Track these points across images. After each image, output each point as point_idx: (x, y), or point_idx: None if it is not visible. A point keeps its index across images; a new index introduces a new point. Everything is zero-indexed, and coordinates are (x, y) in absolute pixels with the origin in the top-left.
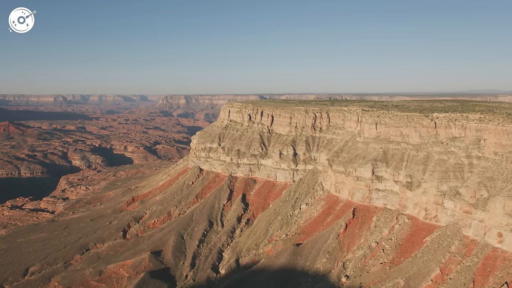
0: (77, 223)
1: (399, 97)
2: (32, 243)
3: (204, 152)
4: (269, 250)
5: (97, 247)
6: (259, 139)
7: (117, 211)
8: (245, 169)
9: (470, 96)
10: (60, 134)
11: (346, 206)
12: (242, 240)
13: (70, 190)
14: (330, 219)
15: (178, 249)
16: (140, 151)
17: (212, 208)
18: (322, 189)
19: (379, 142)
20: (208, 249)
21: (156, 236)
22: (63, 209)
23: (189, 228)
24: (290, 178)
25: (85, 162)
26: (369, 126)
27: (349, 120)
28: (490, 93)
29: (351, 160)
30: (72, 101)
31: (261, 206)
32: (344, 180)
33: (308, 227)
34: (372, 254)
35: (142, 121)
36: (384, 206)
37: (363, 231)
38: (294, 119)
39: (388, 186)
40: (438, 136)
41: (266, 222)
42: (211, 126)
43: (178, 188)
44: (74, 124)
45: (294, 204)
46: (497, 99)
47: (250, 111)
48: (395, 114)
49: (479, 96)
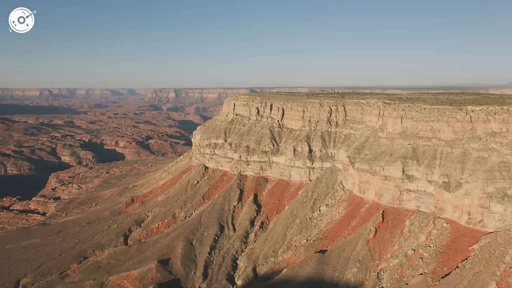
0: (72, 226)
1: (391, 90)
2: (23, 250)
3: (209, 149)
4: (289, 257)
5: (96, 254)
6: (269, 134)
7: (115, 213)
8: (255, 167)
9: (462, 89)
10: (48, 129)
11: (372, 208)
12: (257, 246)
13: (61, 188)
14: (355, 223)
15: (188, 257)
16: (132, 146)
17: (222, 210)
18: (343, 189)
19: (407, 138)
20: (220, 256)
21: (162, 242)
22: (55, 210)
23: (198, 232)
24: (306, 177)
25: (75, 158)
26: (393, 120)
27: (369, 113)
28: (479, 87)
29: (376, 157)
30: (58, 94)
31: (275, 208)
32: (369, 180)
33: (331, 231)
34: (409, 263)
35: (132, 115)
36: (417, 208)
37: (395, 237)
38: (307, 113)
39: (421, 187)
40: (474, 131)
41: (283, 226)
42: (214, 120)
43: (182, 188)
44: (62, 118)
45: (313, 206)
46: (488, 92)
47: (258, 104)
48: (423, 107)
49: (471, 89)
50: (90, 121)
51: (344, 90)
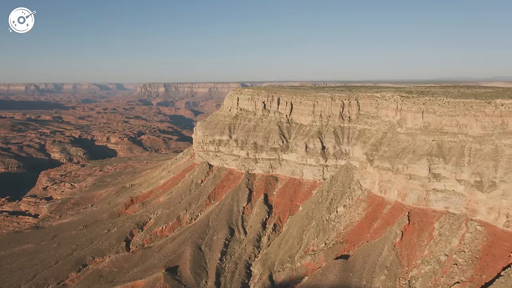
0: (68, 230)
1: (383, 84)
2: (16, 257)
3: (212, 146)
4: (307, 263)
5: (96, 261)
6: (278, 130)
7: (114, 215)
8: (264, 165)
9: (452, 83)
10: (36, 125)
11: (395, 209)
12: (272, 251)
13: (52, 187)
14: (377, 225)
15: (197, 263)
16: (124, 142)
17: (231, 211)
18: (361, 189)
19: (430, 134)
20: (232, 262)
21: (168, 247)
22: (48, 211)
23: (207, 236)
24: (319, 176)
25: (65, 155)
26: (413, 115)
27: (385, 108)
28: (468, 80)
29: (397, 154)
30: (45, 89)
31: (288, 209)
32: (391, 179)
33: (351, 234)
34: (443, 270)
35: (122, 110)
36: (446, 209)
37: (423, 240)
38: (317, 107)
39: (449, 186)
40: (505, 126)
41: (299, 229)
42: (215, 115)
43: (185, 187)
44: (50, 113)
45: (330, 207)
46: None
47: (264, 98)
48: (446, 101)
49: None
50: (79, 117)
51: (336, 84)
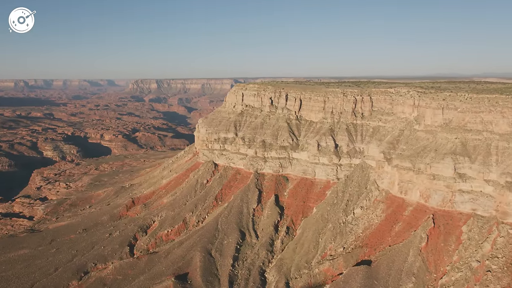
0: (66, 233)
1: (377, 80)
2: (11, 264)
3: (218, 144)
4: (326, 269)
5: (99, 268)
6: (287, 128)
7: (115, 218)
8: (274, 164)
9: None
10: (27, 122)
11: (417, 211)
12: (287, 256)
13: (46, 187)
14: (399, 228)
15: (209, 270)
16: (118, 139)
17: (240, 214)
18: (378, 189)
19: (452, 131)
20: (246, 269)
21: (176, 252)
22: (44, 213)
23: (216, 241)
24: (332, 175)
25: (58, 153)
26: (433, 111)
27: (400, 104)
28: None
29: (417, 153)
30: (34, 86)
31: (301, 210)
32: (412, 179)
33: (370, 237)
34: (475, 277)
35: (114, 106)
36: (473, 212)
37: (451, 245)
38: (328, 104)
39: (476, 187)
40: None
41: (314, 232)
42: (218, 112)
43: (190, 188)
44: (41, 110)
45: (346, 208)
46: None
47: (271, 94)
48: (468, 96)
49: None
50: (71, 113)
51: (330, 80)
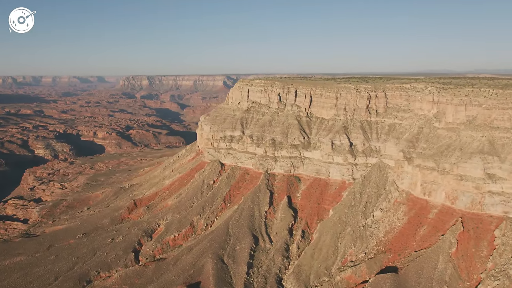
0: (65, 238)
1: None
2: (7, 272)
3: (224, 142)
4: (348, 276)
5: (102, 277)
6: (297, 125)
7: (117, 221)
8: (285, 164)
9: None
10: (17, 119)
11: (443, 213)
12: (305, 262)
13: (40, 188)
14: (424, 232)
15: (222, 279)
16: (112, 137)
17: (252, 217)
18: (398, 190)
19: (477, 129)
20: (261, 276)
21: (185, 259)
22: (39, 216)
23: (228, 246)
24: (348, 175)
25: (50, 151)
26: (455, 108)
27: (418, 100)
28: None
29: (441, 152)
30: (23, 82)
31: (315, 213)
32: (437, 179)
33: (393, 242)
34: None
35: (106, 103)
36: (505, 215)
37: (483, 250)
38: (341, 100)
39: (507, 188)
40: None
41: (332, 236)
42: (221, 109)
43: (196, 189)
44: (30, 107)
45: (365, 211)
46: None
47: (280, 90)
48: (492, 92)
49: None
50: (61, 110)
51: (322, 77)
